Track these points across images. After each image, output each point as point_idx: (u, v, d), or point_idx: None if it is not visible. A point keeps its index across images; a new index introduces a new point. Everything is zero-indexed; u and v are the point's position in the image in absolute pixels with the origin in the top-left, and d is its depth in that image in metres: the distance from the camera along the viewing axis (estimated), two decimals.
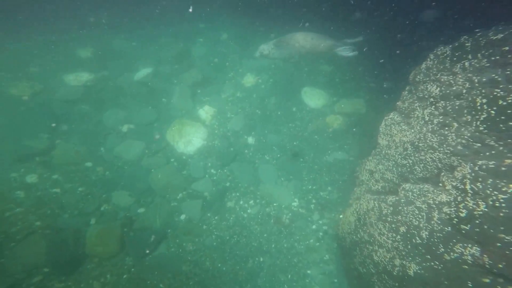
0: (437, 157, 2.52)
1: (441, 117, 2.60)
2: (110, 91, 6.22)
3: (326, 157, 5.45)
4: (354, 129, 5.82)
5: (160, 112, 6.23)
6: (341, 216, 3.98)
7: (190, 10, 9.69)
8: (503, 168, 1.96)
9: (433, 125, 2.65)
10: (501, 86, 2.17)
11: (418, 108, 2.97)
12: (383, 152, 3.29)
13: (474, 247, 2.02)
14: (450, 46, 2.86)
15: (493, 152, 2.14)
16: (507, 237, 1.83)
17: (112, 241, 4.12)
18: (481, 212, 1.97)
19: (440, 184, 2.50)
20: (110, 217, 4.46)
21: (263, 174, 5.24)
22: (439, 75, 2.84)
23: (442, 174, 2.49)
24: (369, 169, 3.53)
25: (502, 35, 2.37)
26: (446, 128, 2.52)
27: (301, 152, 5.58)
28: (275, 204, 4.78)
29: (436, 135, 2.57)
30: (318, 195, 4.86)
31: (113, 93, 6.24)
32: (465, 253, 2.06)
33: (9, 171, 4.49)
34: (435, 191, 2.47)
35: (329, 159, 5.40)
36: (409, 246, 2.47)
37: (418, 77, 3.15)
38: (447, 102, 2.58)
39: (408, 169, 2.83)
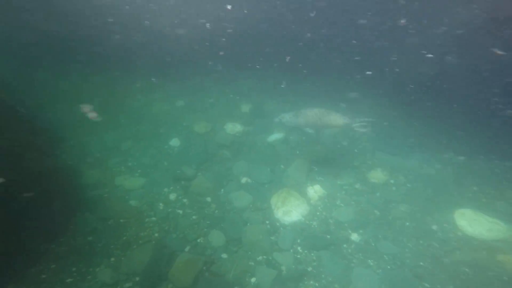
0: None
1: None
2: (247, 145, 7.64)
3: None
4: None
5: (275, 176, 6.89)
6: None
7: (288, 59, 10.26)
8: None
9: None
10: None
11: None
12: None
13: None
14: None
15: None
16: None
17: (190, 274, 4.48)
18: None
19: None
20: (200, 250, 5.04)
21: (358, 278, 4.40)
22: None
23: None
24: None
25: None
26: None
27: (428, 278, 4.29)
28: None
29: None
30: None
31: (249, 147, 7.60)
32: None
33: (164, 186, 6.25)
34: None
35: None
36: None
37: None
38: None
39: None
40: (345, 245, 5.07)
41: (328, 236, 5.20)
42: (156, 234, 5.24)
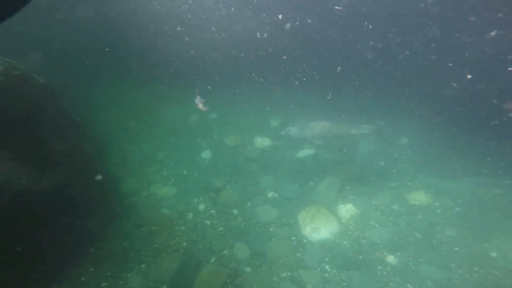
0: None
1: None
2: (275, 160, 7.63)
3: None
4: None
5: (303, 192, 6.69)
6: None
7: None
8: None
9: None
10: None
11: None
12: None
13: None
14: None
15: None
16: None
17: (214, 286, 4.46)
18: None
19: None
20: (225, 262, 4.99)
21: None
22: None
23: None
24: None
25: None
26: None
27: None
28: None
29: None
30: None
31: (277, 162, 7.58)
32: None
33: (194, 196, 6.47)
34: None
35: None
36: None
37: None
38: None
39: None
40: (379, 267, 4.61)
41: (360, 257, 4.79)
42: (184, 243, 5.36)
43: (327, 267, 4.69)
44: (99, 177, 5.16)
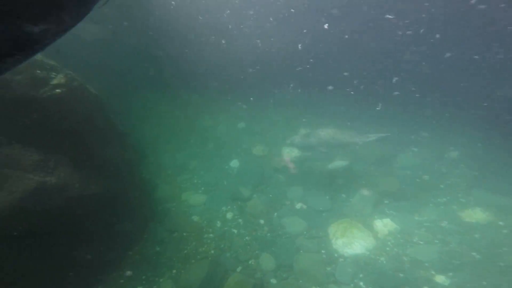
0: None
1: None
2: (304, 171, 7.43)
3: None
4: None
5: (334, 204, 6.32)
6: None
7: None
8: None
9: None
10: None
11: None
12: None
13: None
14: None
15: None
16: None
17: None
18: None
19: None
20: (251, 273, 4.86)
21: None
22: None
23: None
24: None
25: None
26: None
27: None
28: None
29: None
30: None
31: (306, 173, 7.37)
32: None
33: (223, 205, 6.56)
34: None
35: None
36: None
37: None
38: None
39: None
40: (426, 287, 3.99)
41: (401, 275, 4.26)
42: (212, 251, 5.40)
43: (361, 283, 4.26)
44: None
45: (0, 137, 3.95)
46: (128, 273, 5.23)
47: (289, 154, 7.84)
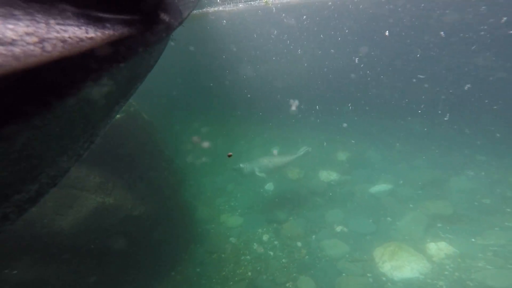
0: None
1: None
2: (342, 195, 7.14)
3: None
4: None
5: (379, 228, 5.86)
6: None
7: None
8: None
9: None
10: None
11: None
12: None
13: None
14: None
15: None
16: None
17: None
18: None
19: None
20: None
21: None
22: None
23: None
24: None
25: None
26: None
27: None
28: None
29: None
30: None
31: (345, 196, 7.07)
32: None
33: (259, 227, 6.55)
34: None
35: None
36: None
37: None
38: None
39: None
40: None
41: None
42: (249, 273, 5.32)
43: None
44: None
45: None
46: None
47: (327, 177, 7.69)
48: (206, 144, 7.37)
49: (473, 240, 5.05)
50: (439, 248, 4.89)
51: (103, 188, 4.92)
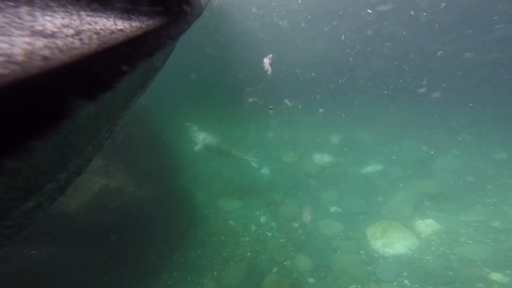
0: None
1: None
2: (337, 176, 7.38)
3: None
4: None
5: (371, 207, 6.15)
6: None
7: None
8: None
9: None
10: None
11: None
12: None
13: None
14: None
15: None
16: None
17: None
18: None
19: None
20: (287, 273, 4.89)
21: None
22: None
23: None
24: None
25: None
26: None
27: None
28: None
29: None
30: None
31: (339, 178, 7.31)
32: None
33: (256, 210, 6.76)
34: None
35: None
36: None
37: None
38: None
39: None
40: (481, 284, 3.70)
41: (451, 273, 4.01)
42: (249, 254, 5.55)
43: (406, 281, 4.07)
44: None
45: None
46: (175, 274, 5.56)
47: (320, 159, 7.88)
48: (205, 129, 7.35)
49: (457, 216, 5.39)
50: (426, 225, 5.22)
51: (105, 171, 4.96)
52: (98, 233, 4.48)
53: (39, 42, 0.55)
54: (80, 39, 0.69)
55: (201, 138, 8.57)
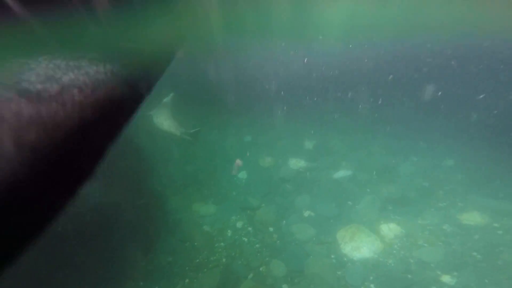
0: None
1: None
2: (310, 181, 7.66)
3: None
4: None
5: (342, 211, 6.51)
6: None
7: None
8: None
9: None
10: None
11: None
12: None
13: None
14: None
15: None
16: None
17: None
18: None
19: None
20: (262, 279, 4.99)
21: None
22: None
23: None
24: None
25: None
26: None
27: None
28: None
29: None
30: None
31: (312, 182, 7.60)
32: None
33: (232, 214, 6.75)
34: None
35: None
36: None
37: None
38: None
39: None
40: (433, 287, 4.15)
41: (409, 276, 4.44)
42: (224, 260, 5.53)
43: (372, 285, 4.41)
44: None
45: None
46: (141, 283, 5.35)
47: (295, 164, 8.11)
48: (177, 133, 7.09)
49: (416, 220, 5.97)
50: (389, 229, 5.69)
51: None
52: (56, 242, 4.15)
53: None
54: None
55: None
